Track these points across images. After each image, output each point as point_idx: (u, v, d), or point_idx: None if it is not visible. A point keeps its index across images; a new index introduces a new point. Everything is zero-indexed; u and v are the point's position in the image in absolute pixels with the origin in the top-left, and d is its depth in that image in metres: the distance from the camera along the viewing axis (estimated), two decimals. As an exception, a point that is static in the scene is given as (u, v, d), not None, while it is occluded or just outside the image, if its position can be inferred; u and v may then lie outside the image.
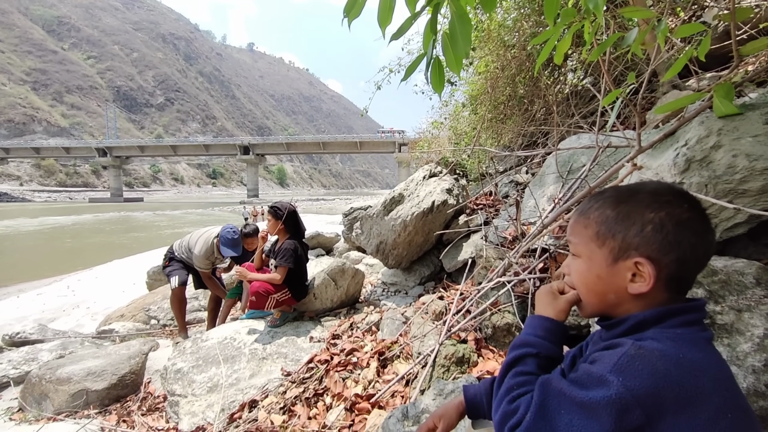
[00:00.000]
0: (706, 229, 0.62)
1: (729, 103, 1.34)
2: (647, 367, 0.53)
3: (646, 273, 0.62)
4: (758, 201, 1.27)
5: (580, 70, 3.94)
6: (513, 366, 0.69)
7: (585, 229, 0.70)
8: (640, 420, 0.51)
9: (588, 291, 0.71)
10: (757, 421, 0.58)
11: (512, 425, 0.60)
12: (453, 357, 1.98)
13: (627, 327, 0.64)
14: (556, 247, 1.97)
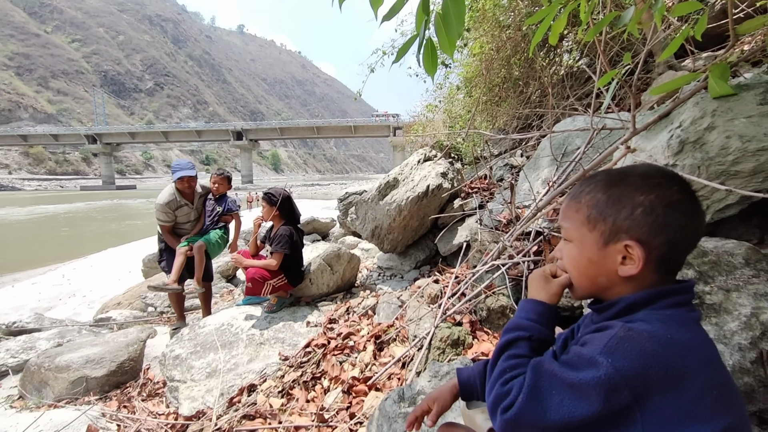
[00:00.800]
0: (695, 211, 0.63)
1: (724, 84, 1.33)
2: (636, 348, 0.54)
3: (635, 255, 0.62)
4: (750, 182, 1.28)
5: (576, 51, 3.89)
6: (506, 349, 0.70)
7: (576, 213, 0.70)
8: (628, 399, 0.53)
9: (579, 274, 0.72)
10: (741, 396, 0.60)
11: (505, 406, 0.61)
12: (448, 339, 2.01)
13: (618, 309, 0.65)
14: (550, 230, 1.98)
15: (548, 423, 0.57)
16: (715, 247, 1.22)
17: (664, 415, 0.52)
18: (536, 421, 0.58)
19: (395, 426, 1.48)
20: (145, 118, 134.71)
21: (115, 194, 49.70)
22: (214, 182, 3.65)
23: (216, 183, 3.64)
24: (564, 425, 0.56)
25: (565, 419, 0.56)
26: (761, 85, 1.32)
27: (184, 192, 3.48)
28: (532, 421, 0.58)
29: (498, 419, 0.62)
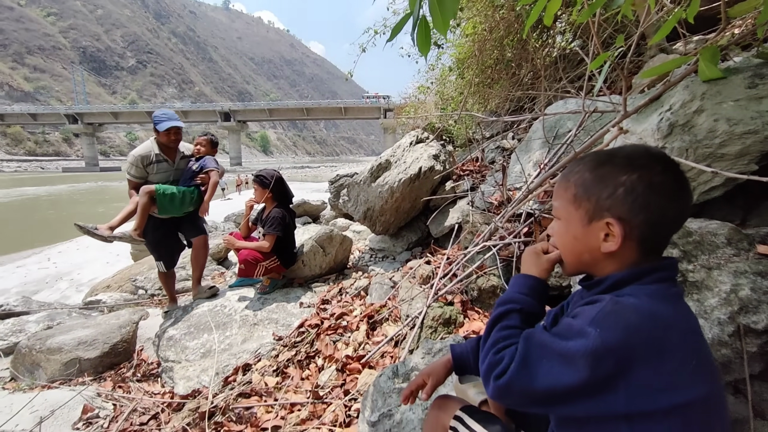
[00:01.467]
0: (679, 193, 0.65)
1: (714, 67, 1.35)
2: (621, 320, 0.57)
3: (615, 233, 0.65)
4: (735, 165, 1.32)
5: (569, 33, 3.87)
6: (499, 321, 0.73)
7: (565, 192, 0.73)
8: (612, 368, 0.56)
9: (566, 251, 0.75)
10: (717, 367, 0.64)
11: (497, 374, 0.64)
12: (440, 318, 2.06)
13: (606, 285, 0.68)
14: (540, 211, 2.02)
15: (537, 389, 0.60)
16: (700, 227, 1.26)
17: (645, 382, 0.56)
18: (526, 387, 0.61)
19: (389, 401, 1.53)
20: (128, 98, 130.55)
21: (99, 176, 48.51)
22: (197, 144, 3.29)
23: (199, 145, 3.28)
24: (551, 391, 0.59)
25: (552, 385, 0.59)
26: (749, 68, 1.34)
27: (167, 146, 3.06)
28: (522, 387, 0.61)
29: (491, 385, 0.65)
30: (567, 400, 0.59)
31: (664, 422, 0.56)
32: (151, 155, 3.02)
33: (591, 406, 0.58)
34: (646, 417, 0.56)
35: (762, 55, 1.37)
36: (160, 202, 2.96)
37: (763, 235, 1.25)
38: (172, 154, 3.12)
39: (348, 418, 1.78)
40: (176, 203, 3.02)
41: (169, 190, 2.99)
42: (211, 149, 3.31)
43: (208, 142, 3.30)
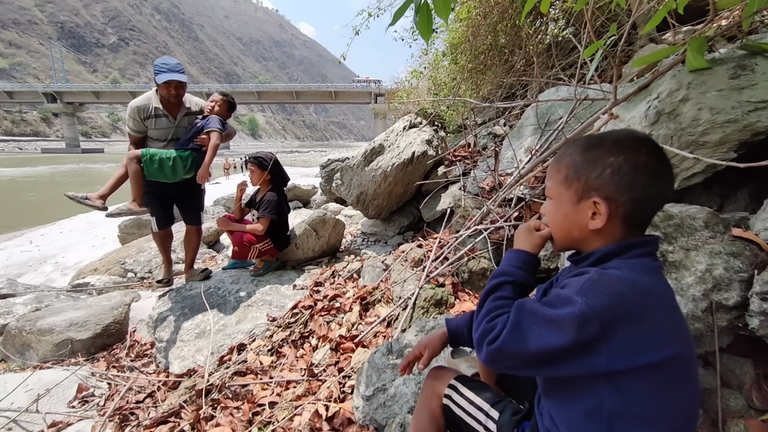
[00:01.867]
0: (661, 173, 0.70)
1: (700, 58, 1.41)
2: (606, 288, 0.63)
3: (601, 211, 0.70)
4: (715, 152, 1.38)
5: (562, 20, 3.89)
6: (493, 292, 0.78)
7: (557, 173, 0.78)
8: (596, 331, 0.61)
9: (556, 228, 0.81)
10: (689, 332, 0.70)
11: (490, 339, 0.69)
12: (432, 299, 2.12)
13: (594, 259, 0.73)
14: (531, 196, 2.08)
15: (528, 352, 0.66)
16: (680, 211, 1.33)
17: (625, 343, 0.62)
18: (517, 350, 0.66)
19: (384, 376, 1.60)
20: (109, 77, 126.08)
21: (81, 158, 47.19)
22: (212, 101, 2.94)
23: (214, 103, 2.92)
24: (541, 354, 0.65)
25: (542, 348, 0.64)
26: (733, 60, 1.40)
27: (168, 101, 2.76)
28: (513, 351, 0.67)
29: (483, 350, 0.70)
30: (555, 361, 0.65)
31: (640, 378, 0.62)
32: (150, 108, 2.72)
33: (576, 367, 0.64)
34: (624, 374, 0.62)
35: (746, 47, 1.42)
36: (147, 168, 2.67)
37: (737, 219, 1.32)
38: (173, 109, 2.81)
39: (342, 394, 1.84)
40: (166, 170, 2.71)
41: (158, 155, 2.67)
42: (226, 111, 2.96)
43: (224, 103, 2.94)
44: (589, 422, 0.66)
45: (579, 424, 0.68)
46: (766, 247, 1.17)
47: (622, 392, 0.63)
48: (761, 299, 1.05)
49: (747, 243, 1.21)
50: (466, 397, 0.93)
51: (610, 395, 0.64)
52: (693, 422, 0.68)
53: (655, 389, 0.63)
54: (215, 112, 2.89)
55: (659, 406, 0.63)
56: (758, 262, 1.15)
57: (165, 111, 2.78)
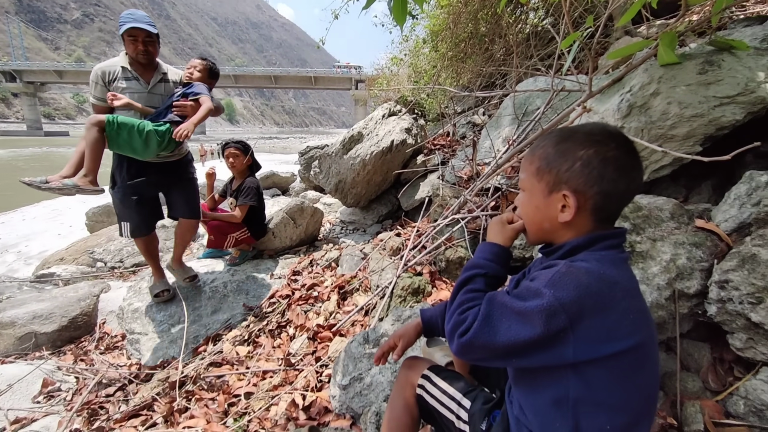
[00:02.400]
0: (630, 167, 0.71)
1: (671, 52, 1.43)
2: (573, 281, 0.64)
3: (570, 204, 0.71)
4: (682, 145, 1.43)
5: (542, 10, 3.90)
6: (465, 284, 0.79)
7: (530, 165, 0.78)
8: (564, 323, 0.63)
9: (529, 220, 0.82)
10: (652, 321, 0.73)
11: (461, 332, 0.70)
12: (409, 288, 2.14)
13: (564, 251, 0.74)
14: (508, 186, 2.10)
15: (497, 344, 0.67)
16: (649, 203, 1.37)
17: (590, 334, 0.64)
18: (487, 343, 0.67)
19: (360, 365, 1.61)
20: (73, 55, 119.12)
21: (44, 141, 44.69)
22: (190, 67, 2.48)
23: (193, 68, 2.46)
24: (510, 345, 0.66)
25: (511, 340, 0.66)
26: (702, 55, 1.43)
27: (137, 60, 2.31)
28: (483, 343, 0.68)
29: (455, 342, 0.71)
30: (524, 353, 0.66)
31: (603, 367, 0.64)
32: (116, 70, 2.29)
33: (544, 357, 0.65)
34: (589, 364, 0.64)
35: (714, 43, 1.46)
36: (112, 138, 2.14)
37: (701, 210, 1.38)
38: (146, 73, 2.37)
39: (319, 383, 1.85)
40: (136, 142, 2.18)
41: (128, 123, 2.16)
42: (207, 78, 2.50)
43: (204, 68, 2.49)
44: (555, 410, 0.68)
45: (546, 411, 0.70)
46: (725, 237, 1.22)
47: (587, 381, 0.65)
48: (719, 287, 1.10)
49: (709, 233, 1.26)
50: (438, 387, 0.94)
51: (576, 384, 0.65)
52: (653, 406, 0.71)
53: (618, 377, 0.65)
54: (195, 79, 2.44)
55: (622, 394, 0.65)
56: (718, 252, 1.21)
57: (135, 73, 2.32)
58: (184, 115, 2.31)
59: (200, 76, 2.46)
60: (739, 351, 1.11)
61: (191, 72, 2.45)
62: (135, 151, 2.25)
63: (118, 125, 2.13)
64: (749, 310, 1.03)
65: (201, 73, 2.47)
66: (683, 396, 1.16)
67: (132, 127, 2.17)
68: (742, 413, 1.06)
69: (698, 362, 1.24)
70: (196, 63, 2.49)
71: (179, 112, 2.31)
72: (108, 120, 2.11)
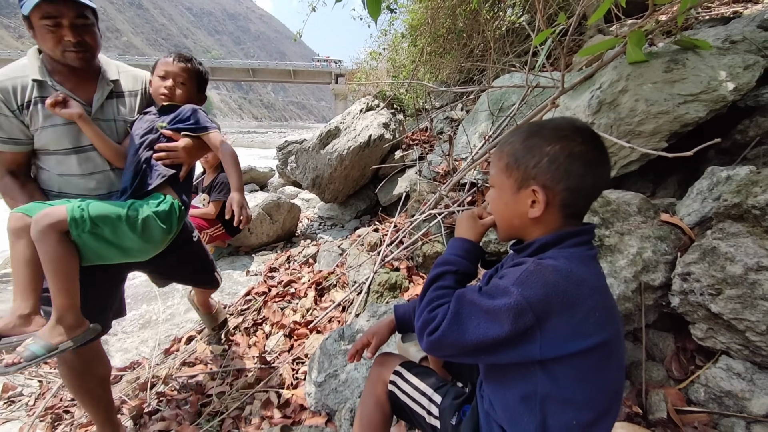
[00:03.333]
0: (597, 162, 0.71)
1: (639, 50, 1.47)
2: (541, 279, 0.64)
3: (539, 199, 0.71)
4: (649, 142, 1.47)
5: (519, 7, 3.94)
6: (435, 281, 0.78)
7: (499, 161, 0.78)
8: (531, 321, 0.63)
9: (499, 217, 0.82)
10: (619, 318, 0.74)
11: (431, 330, 0.69)
12: (386, 284, 2.13)
13: (533, 249, 0.75)
14: (483, 181, 2.12)
15: (466, 342, 0.66)
16: (617, 197, 1.40)
17: (557, 332, 0.64)
18: (456, 341, 0.67)
19: (335, 362, 1.59)
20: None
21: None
22: (168, 76, 1.43)
23: (171, 79, 1.43)
24: (479, 343, 0.66)
25: (480, 339, 0.65)
26: (668, 54, 1.47)
27: (62, 63, 1.28)
28: (452, 341, 0.67)
29: (424, 340, 0.70)
30: (492, 350, 0.66)
31: (569, 365, 0.65)
32: (27, 85, 1.27)
33: (513, 355, 0.65)
34: (555, 361, 0.65)
35: (679, 42, 1.50)
36: (82, 239, 1.18)
37: (666, 204, 1.42)
38: (83, 86, 1.34)
39: (295, 381, 1.82)
40: (127, 239, 1.26)
41: (106, 210, 1.22)
42: (195, 92, 1.54)
43: (191, 77, 1.49)
44: (523, 405, 0.68)
45: (514, 407, 0.70)
46: (688, 231, 1.27)
47: (554, 378, 0.66)
48: (682, 279, 1.14)
49: (673, 227, 1.30)
50: (410, 383, 0.94)
51: (543, 381, 0.66)
52: (619, 401, 0.72)
53: (584, 375, 0.66)
54: (178, 98, 1.45)
55: (588, 391, 0.66)
56: (681, 245, 1.25)
57: (62, 86, 1.30)
58: (177, 164, 1.41)
59: (186, 91, 1.47)
60: (700, 340, 1.15)
61: (170, 87, 1.42)
62: (128, 254, 1.30)
63: (92, 221, 1.17)
64: (709, 301, 1.07)
65: (186, 86, 1.47)
66: (648, 385, 1.20)
67: (117, 218, 1.22)
68: (703, 400, 1.10)
69: (663, 351, 1.28)
70: (174, 69, 1.44)
71: (169, 159, 1.38)
72: (73, 216, 1.15)
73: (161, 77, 1.43)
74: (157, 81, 1.44)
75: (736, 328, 1.03)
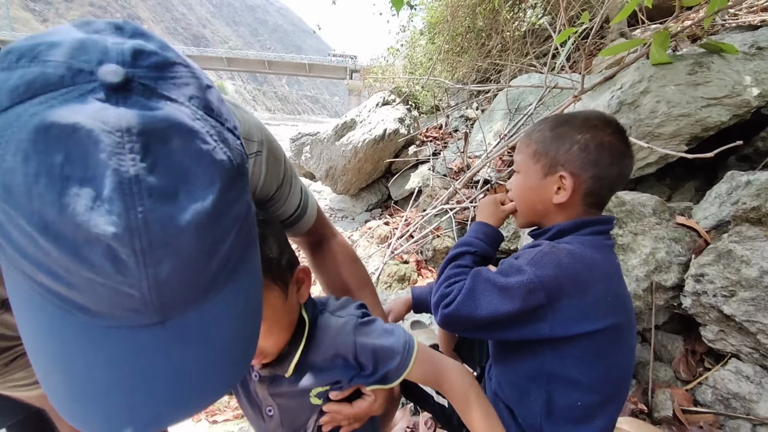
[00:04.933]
0: (623, 153, 0.73)
1: (663, 52, 1.46)
2: (554, 260, 0.66)
3: (566, 185, 0.73)
4: (669, 144, 1.46)
5: (540, 7, 3.91)
6: (453, 260, 0.80)
7: (527, 147, 0.79)
8: (542, 300, 0.65)
9: (521, 201, 0.83)
10: (632, 308, 0.75)
11: (446, 303, 0.72)
12: (395, 275, 2.15)
13: (551, 234, 0.76)
14: (497, 179, 2.12)
15: (478, 316, 0.68)
16: (632, 198, 1.40)
17: (567, 313, 0.66)
18: (469, 314, 0.69)
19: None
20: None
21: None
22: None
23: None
24: (490, 318, 0.68)
25: (491, 314, 0.67)
26: (693, 57, 1.46)
27: None
28: (466, 315, 0.69)
29: (439, 313, 0.73)
30: (503, 326, 0.68)
31: (577, 345, 0.67)
32: None
33: (523, 332, 0.67)
34: (563, 341, 0.66)
35: (705, 46, 1.49)
36: None
37: (682, 208, 1.42)
38: None
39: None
40: None
41: None
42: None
43: None
44: (531, 383, 0.70)
45: (521, 385, 0.72)
46: (704, 234, 1.26)
47: (561, 358, 0.67)
48: (695, 281, 1.14)
49: (688, 230, 1.30)
50: None
51: (551, 360, 0.68)
52: (624, 389, 0.73)
53: (590, 356, 0.67)
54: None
55: (594, 373, 0.67)
56: (696, 247, 1.24)
57: None
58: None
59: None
60: (711, 342, 1.15)
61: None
62: None
63: None
64: (722, 303, 1.07)
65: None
66: (655, 384, 1.21)
67: None
68: (710, 402, 1.10)
69: (671, 353, 1.28)
70: None
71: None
72: None
73: None
74: None
75: (748, 331, 1.02)
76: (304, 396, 0.68)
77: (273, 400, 0.69)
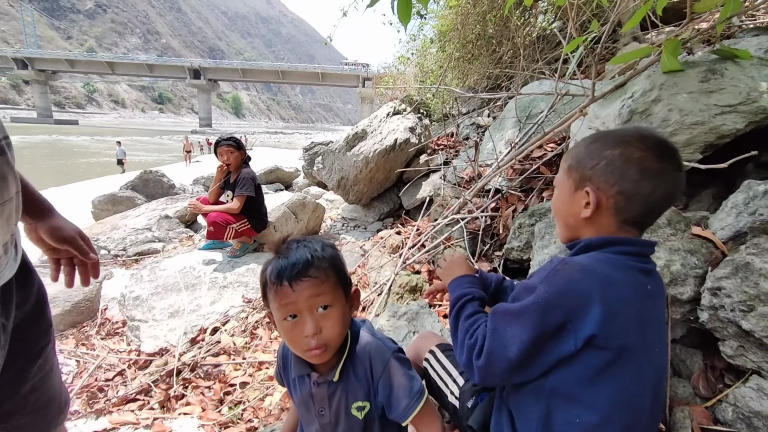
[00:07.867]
0: (658, 170, 0.69)
1: (674, 59, 1.44)
2: (566, 276, 0.65)
3: (591, 200, 0.72)
4: (682, 152, 1.43)
5: (550, 14, 3.89)
6: (461, 313, 0.80)
7: (564, 162, 0.82)
8: (561, 317, 0.63)
9: (558, 215, 0.85)
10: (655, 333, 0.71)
11: (476, 353, 0.70)
12: (407, 285, 2.15)
13: (577, 248, 0.76)
14: (508, 188, 2.11)
15: (511, 355, 0.66)
16: (646, 208, 1.38)
17: (588, 329, 0.63)
18: (501, 357, 0.67)
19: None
20: (85, 45, 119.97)
21: (53, 129, 45.12)
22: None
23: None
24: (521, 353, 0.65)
25: (520, 349, 0.65)
26: (705, 63, 1.44)
27: None
28: (498, 358, 0.67)
29: (474, 369, 0.70)
30: (539, 355, 0.65)
31: (580, 363, 0.65)
32: None
33: (552, 358, 0.65)
34: (568, 356, 0.65)
35: (718, 52, 1.46)
36: None
37: (699, 218, 1.38)
38: None
39: (314, 376, 1.87)
40: None
41: None
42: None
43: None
44: (531, 396, 0.70)
45: (525, 401, 0.72)
46: (721, 245, 1.23)
47: (562, 373, 0.66)
48: (711, 294, 1.11)
49: (704, 241, 1.26)
50: (441, 363, 1.00)
51: (554, 374, 0.67)
52: (631, 415, 0.67)
53: (591, 375, 0.65)
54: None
55: (595, 392, 0.65)
56: (712, 259, 1.21)
57: None
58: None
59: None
60: (730, 358, 1.11)
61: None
62: None
63: None
64: (740, 318, 1.04)
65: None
66: (673, 401, 1.17)
67: None
68: (730, 420, 1.06)
69: (690, 368, 1.25)
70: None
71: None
72: None
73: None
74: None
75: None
76: (348, 404, 0.83)
77: (326, 403, 0.85)
